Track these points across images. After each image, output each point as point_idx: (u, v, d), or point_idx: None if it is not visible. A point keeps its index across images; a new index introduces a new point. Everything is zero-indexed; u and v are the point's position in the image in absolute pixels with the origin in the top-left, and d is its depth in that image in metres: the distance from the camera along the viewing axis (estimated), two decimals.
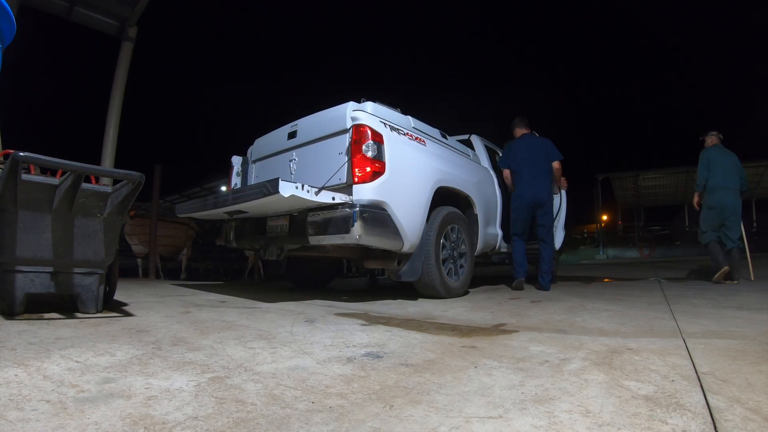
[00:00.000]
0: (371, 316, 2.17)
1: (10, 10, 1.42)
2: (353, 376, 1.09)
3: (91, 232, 1.98)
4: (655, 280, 4.72)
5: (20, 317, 1.81)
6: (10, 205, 1.77)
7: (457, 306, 2.56)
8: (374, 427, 0.78)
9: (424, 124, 3.20)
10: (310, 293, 3.40)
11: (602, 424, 0.78)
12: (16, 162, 1.64)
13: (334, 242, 2.52)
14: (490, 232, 3.73)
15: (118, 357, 1.24)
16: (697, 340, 1.47)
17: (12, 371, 1.07)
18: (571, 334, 1.63)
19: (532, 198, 3.68)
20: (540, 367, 1.17)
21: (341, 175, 2.58)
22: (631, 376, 1.07)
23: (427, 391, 0.97)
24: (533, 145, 3.85)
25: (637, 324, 1.84)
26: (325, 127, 2.81)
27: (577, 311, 2.25)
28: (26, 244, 1.81)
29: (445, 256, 3.02)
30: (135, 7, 6.15)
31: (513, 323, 1.91)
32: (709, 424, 0.77)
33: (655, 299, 2.76)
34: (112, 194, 2.01)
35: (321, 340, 1.53)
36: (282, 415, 0.83)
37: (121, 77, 6.32)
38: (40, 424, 0.76)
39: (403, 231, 2.64)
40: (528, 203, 3.69)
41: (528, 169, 3.74)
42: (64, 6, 5.83)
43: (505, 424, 0.79)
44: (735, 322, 1.83)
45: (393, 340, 1.53)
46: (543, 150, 3.82)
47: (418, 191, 2.80)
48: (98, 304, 2.01)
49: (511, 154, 3.87)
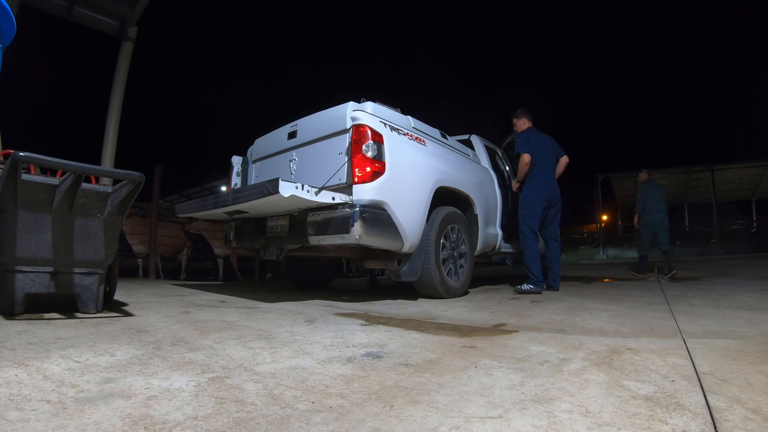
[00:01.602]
0: (371, 316, 2.17)
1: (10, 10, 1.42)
2: (353, 376, 1.09)
3: (91, 232, 1.98)
4: (655, 280, 4.73)
5: (20, 317, 1.81)
6: (10, 205, 1.77)
7: (457, 306, 2.56)
8: (374, 427, 0.78)
9: (424, 124, 3.20)
10: (310, 293, 3.40)
11: (602, 424, 0.78)
12: (16, 162, 1.65)
13: (334, 242, 2.52)
14: (490, 232, 3.73)
15: (118, 357, 1.24)
16: (697, 340, 1.47)
17: (12, 371, 1.07)
18: (571, 334, 1.63)
19: (551, 193, 3.57)
20: (540, 367, 1.17)
21: (341, 175, 2.58)
22: (631, 376, 1.07)
23: (427, 391, 0.97)
24: (543, 139, 3.73)
25: (637, 324, 1.84)
26: (325, 127, 2.81)
27: (577, 311, 2.25)
28: (26, 244, 1.81)
29: (445, 256, 3.02)
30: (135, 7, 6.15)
31: (513, 323, 1.91)
32: (709, 424, 0.77)
33: (655, 299, 2.76)
34: (112, 194, 2.01)
35: (321, 340, 1.52)
36: (282, 415, 0.83)
37: (121, 77, 6.32)
38: (40, 424, 0.76)
39: (403, 231, 2.64)
40: (546, 198, 3.56)
41: (543, 162, 3.59)
42: (64, 6, 5.83)
43: (505, 424, 0.79)
44: (735, 322, 1.83)
45: (393, 340, 1.53)
46: (550, 145, 3.73)
47: (418, 191, 2.80)
48: (98, 304, 2.01)
49: (529, 143, 3.61)
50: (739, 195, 18.77)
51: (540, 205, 3.56)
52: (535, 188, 3.59)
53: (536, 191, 3.58)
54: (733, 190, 18.16)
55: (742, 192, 18.50)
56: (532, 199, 3.57)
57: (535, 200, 3.57)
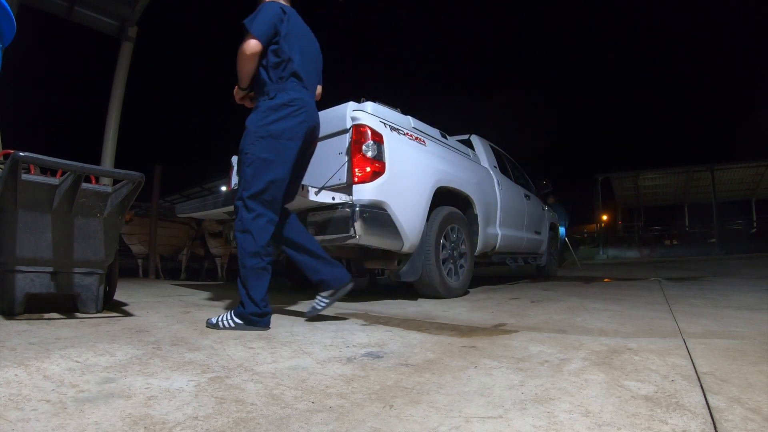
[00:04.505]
0: (371, 316, 2.17)
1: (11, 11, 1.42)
2: (353, 376, 1.09)
3: (91, 232, 1.98)
4: (655, 280, 4.73)
5: (20, 317, 1.82)
6: (10, 205, 1.77)
7: (457, 306, 2.55)
8: (374, 427, 0.78)
9: (424, 124, 3.20)
10: (310, 293, 3.40)
11: (602, 424, 0.78)
12: (16, 162, 1.65)
13: (334, 242, 2.52)
14: (490, 232, 3.73)
15: (118, 357, 1.24)
16: (697, 340, 1.47)
17: (12, 371, 1.07)
18: (571, 334, 1.63)
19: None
20: (540, 367, 1.17)
21: (341, 175, 2.58)
22: (631, 376, 1.07)
23: (427, 391, 0.97)
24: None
25: (637, 324, 1.84)
26: (324, 126, 2.80)
27: (577, 311, 2.25)
28: (26, 244, 1.81)
29: (445, 256, 3.02)
30: (135, 7, 6.16)
31: (513, 323, 1.91)
32: (709, 424, 0.77)
33: (655, 299, 2.76)
34: (112, 194, 2.01)
35: (321, 340, 1.52)
36: (282, 415, 0.83)
37: (121, 77, 6.33)
38: (40, 424, 0.76)
39: (403, 231, 2.64)
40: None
41: None
42: (64, 6, 5.84)
43: (505, 424, 0.79)
44: (735, 322, 1.83)
45: (393, 340, 1.53)
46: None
47: (418, 191, 2.80)
48: (98, 304, 2.01)
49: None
50: (739, 195, 18.79)
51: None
52: None
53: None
54: (733, 190, 18.17)
55: (742, 192, 18.52)
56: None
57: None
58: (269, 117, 1.84)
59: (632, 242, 18.42)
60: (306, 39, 2.05)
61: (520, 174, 5.11)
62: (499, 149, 4.62)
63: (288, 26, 1.92)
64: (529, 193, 4.96)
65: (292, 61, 1.90)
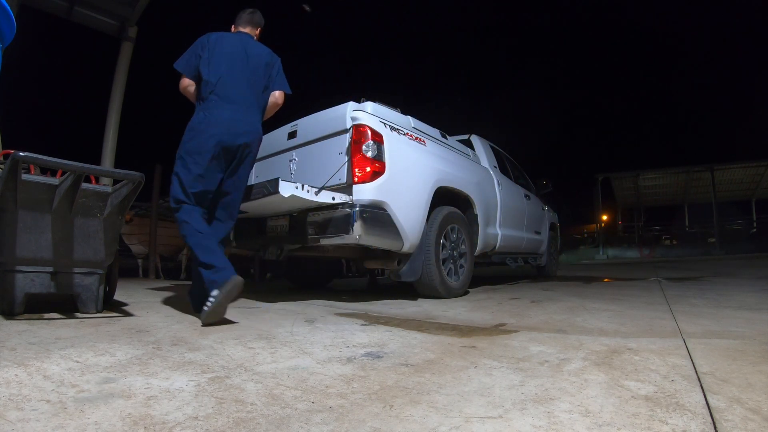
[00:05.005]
0: (371, 316, 2.17)
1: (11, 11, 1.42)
2: (353, 376, 1.09)
3: (91, 232, 1.98)
4: (655, 280, 4.72)
5: (20, 317, 1.81)
6: (10, 204, 1.77)
7: (457, 306, 2.55)
8: (374, 427, 0.78)
9: (424, 124, 3.20)
10: (310, 293, 3.40)
11: (602, 424, 0.78)
12: (16, 162, 1.65)
13: (334, 242, 2.52)
14: (490, 232, 3.73)
15: (118, 357, 1.24)
16: (697, 340, 1.47)
17: (12, 371, 1.07)
18: (571, 334, 1.63)
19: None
20: (540, 367, 1.17)
21: (341, 175, 2.58)
22: (631, 376, 1.07)
23: (427, 391, 0.97)
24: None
25: (637, 324, 1.84)
26: (325, 126, 2.81)
27: (577, 311, 2.25)
28: (26, 244, 1.81)
29: (445, 256, 3.02)
30: (135, 7, 6.15)
31: (513, 323, 1.91)
32: (709, 424, 0.77)
33: (655, 299, 2.76)
34: (112, 194, 2.01)
35: (321, 340, 1.52)
36: (282, 415, 0.83)
37: (121, 77, 6.32)
38: (40, 424, 0.76)
39: (403, 231, 2.64)
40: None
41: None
42: (64, 6, 5.83)
43: (505, 424, 0.79)
44: (735, 322, 1.83)
45: (393, 340, 1.53)
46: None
47: (418, 191, 2.80)
48: (98, 304, 2.01)
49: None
50: (739, 195, 18.79)
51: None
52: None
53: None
54: (733, 190, 18.17)
55: (742, 192, 18.52)
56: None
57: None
58: (185, 135, 2.10)
59: (632, 242, 18.42)
60: (236, 57, 2.17)
61: (520, 174, 5.11)
62: (499, 149, 4.62)
63: (210, 51, 2.12)
64: (529, 193, 4.96)
65: (210, 82, 2.08)
